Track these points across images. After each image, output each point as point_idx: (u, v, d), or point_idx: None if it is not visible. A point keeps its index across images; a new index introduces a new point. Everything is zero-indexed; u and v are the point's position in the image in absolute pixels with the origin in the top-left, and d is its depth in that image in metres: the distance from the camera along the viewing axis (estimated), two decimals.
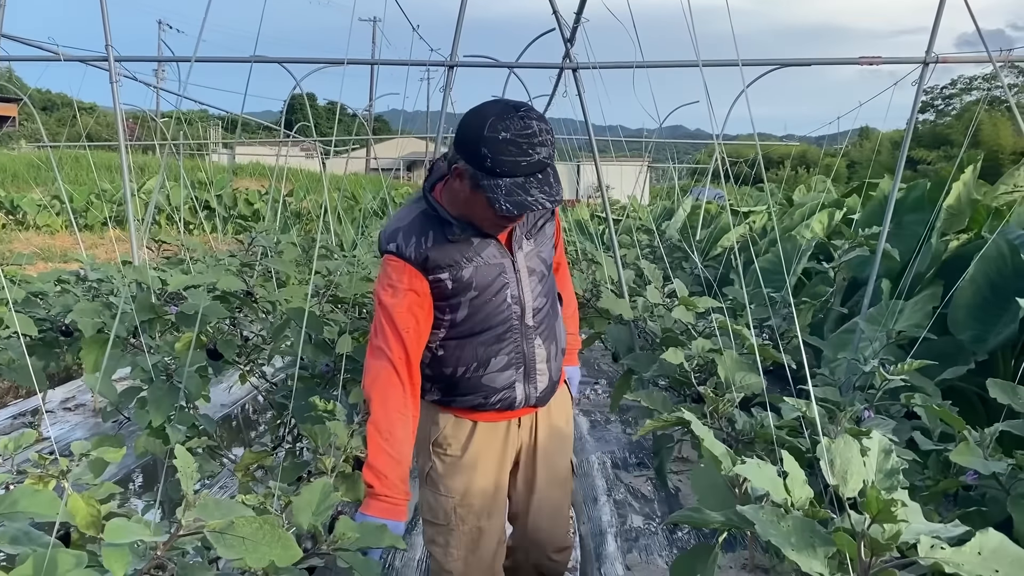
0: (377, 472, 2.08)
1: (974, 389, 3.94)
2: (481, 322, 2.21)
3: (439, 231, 2.11)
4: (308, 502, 1.63)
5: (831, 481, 1.33)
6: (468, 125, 1.96)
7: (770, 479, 1.42)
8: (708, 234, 9.14)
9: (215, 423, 3.29)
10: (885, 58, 3.71)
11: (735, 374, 2.83)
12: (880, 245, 3.87)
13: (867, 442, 1.40)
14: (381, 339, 2.13)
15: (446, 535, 2.33)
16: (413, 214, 2.17)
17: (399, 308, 2.11)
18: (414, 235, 2.11)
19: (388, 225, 2.21)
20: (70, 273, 5.16)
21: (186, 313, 3.40)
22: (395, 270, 2.11)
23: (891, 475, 1.35)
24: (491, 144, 1.90)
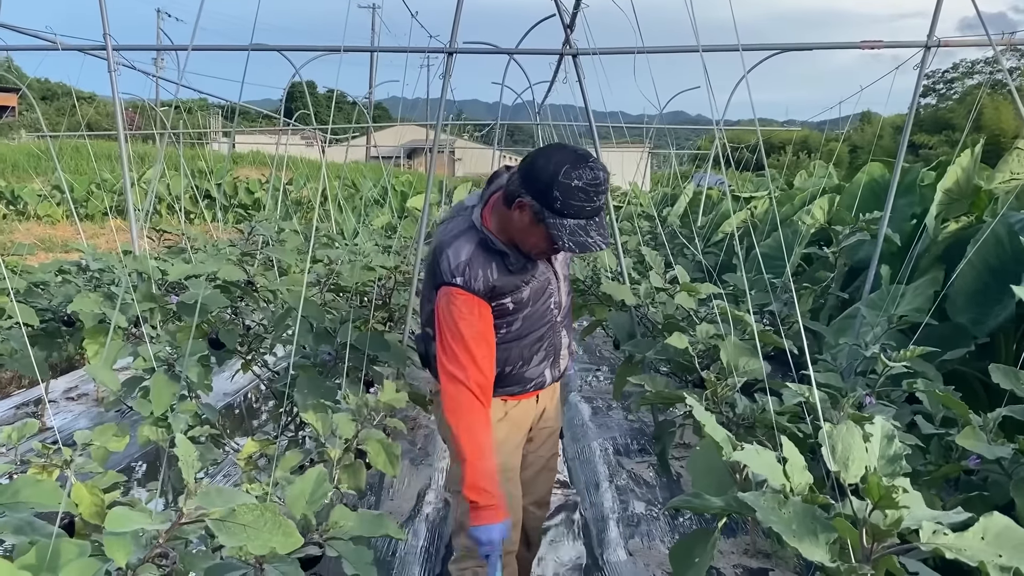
0: (479, 490, 2.27)
1: (975, 373, 3.94)
2: (529, 328, 2.46)
3: (500, 262, 2.33)
4: (302, 491, 1.64)
5: (832, 467, 1.33)
6: (541, 167, 2.19)
7: (769, 465, 1.42)
8: (709, 220, 9.12)
9: (217, 412, 3.30)
10: (887, 42, 3.69)
11: (737, 359, 2.82)
12: (881, 230, 3.86)
13: (870, 428, 1.40)
14: (457, 368, 2.30)
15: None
16: (472, 244, 2.34)
17: (474, 338, 2.29)
18: (480, 269, 2.30)
19: (447, 253, 2.34)
20: (71, 263, 5.16)
21: (187, 303, 3.40)
22: (465, 304, 2.30)
23: (893, 461, 1.35)
24: (563, 189, 2.14)
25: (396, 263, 4.09)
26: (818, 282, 5.09)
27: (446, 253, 2.34)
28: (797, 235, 5.46)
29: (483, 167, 23.87)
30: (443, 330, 2.34)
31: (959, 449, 2.20)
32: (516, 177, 2.26)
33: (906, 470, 1.36)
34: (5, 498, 1.61)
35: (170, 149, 12.47)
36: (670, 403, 2.89)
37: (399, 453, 2.37)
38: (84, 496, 2.23)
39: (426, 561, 3.43)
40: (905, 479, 1.35)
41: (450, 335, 2.31)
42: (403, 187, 17.71)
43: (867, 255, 5.26)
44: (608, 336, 7.07)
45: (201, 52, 4.24)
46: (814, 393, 2.18)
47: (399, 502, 4.04)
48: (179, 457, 1.46)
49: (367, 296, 4.32)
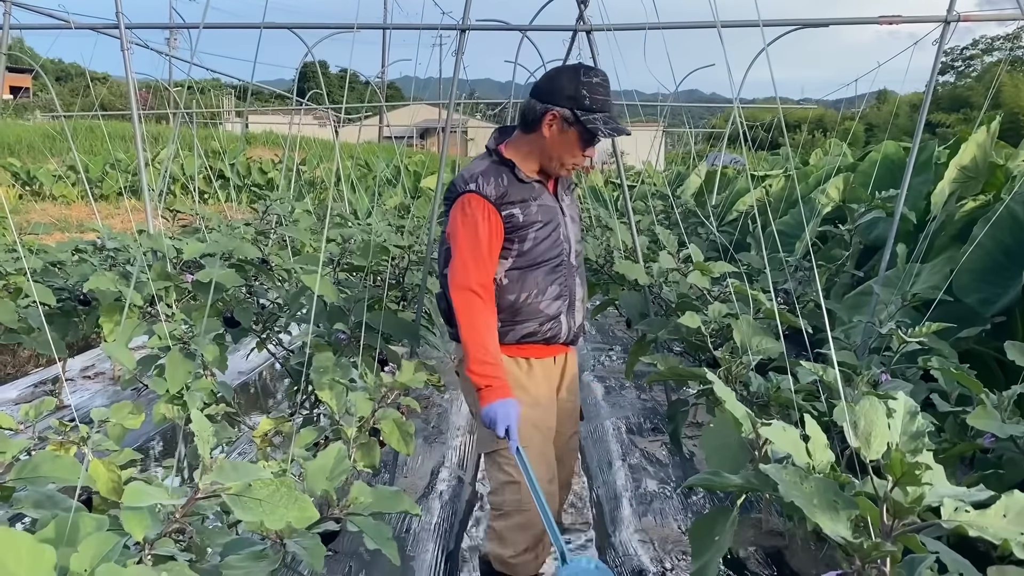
0: (482, 375, 2.44)
1: (991, 352, 3.91)
2: (541, 254, 2.58)
3: (510, 174, 2.54)
4: (322, 467, 1.65)
5: (853, 443, 1.32)
6: (559, 78, 2.53)
7: (793, 442, 1.42)
8: (723, 199, 9.07)
9: (232, 390, 3.32)
10: (905, 17, 3.64)
11: (751, 338, 2.81)
12: (898, 208, 3.82)
13: (893, 404, 1.39)
14: (460, 272, 2.48)
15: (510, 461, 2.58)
16: (485, 164, 2.58)
17: (481, 237, 2.47)
18: (492, 176, 2.52)
19: (461, 174, 2.60)
20: (87, 243, 5.19)
21: (202, 281, 3.41)
22: (476, 205, 2.49)
23: (916, 437, 1.34)
24: (588, 87, 2.46)
25: (409, 243, 4.10)
26: (833, 260, 5.06)
27: (461, 175, 2.59)
28: (813, 213, 5.42)
29: None
30: (453, 233, 2.52)
31: (974, 427, 2.19)
32: (534, 101, 2.52)
33: (929, 447, 1.35)
34: (25, 473, 1.63)
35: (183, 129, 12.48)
36: (683, 382, 2.89)
37: (413, 432, 2.38)
38: (101, 472, 2.24)
39: (439, 538, 3.45)
40: (929, 454, 1.34)
41: (461, 236, 2.49)
42: (416, 167, 17.69)
43: (882, 233, 5.22)
44: (621, 316, 7.07)
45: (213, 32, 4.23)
46: (830, 372, 2.17)
47: (412, 480, 4.07)
48: (195, 433, 1.46)
49: (380, 275, 4.33)
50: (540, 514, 2.35)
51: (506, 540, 2.69)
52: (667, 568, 3.24)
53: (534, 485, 2.48)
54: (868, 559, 1.22)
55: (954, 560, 1.40)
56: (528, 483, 2.49)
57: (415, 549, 3.32)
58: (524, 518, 2.65)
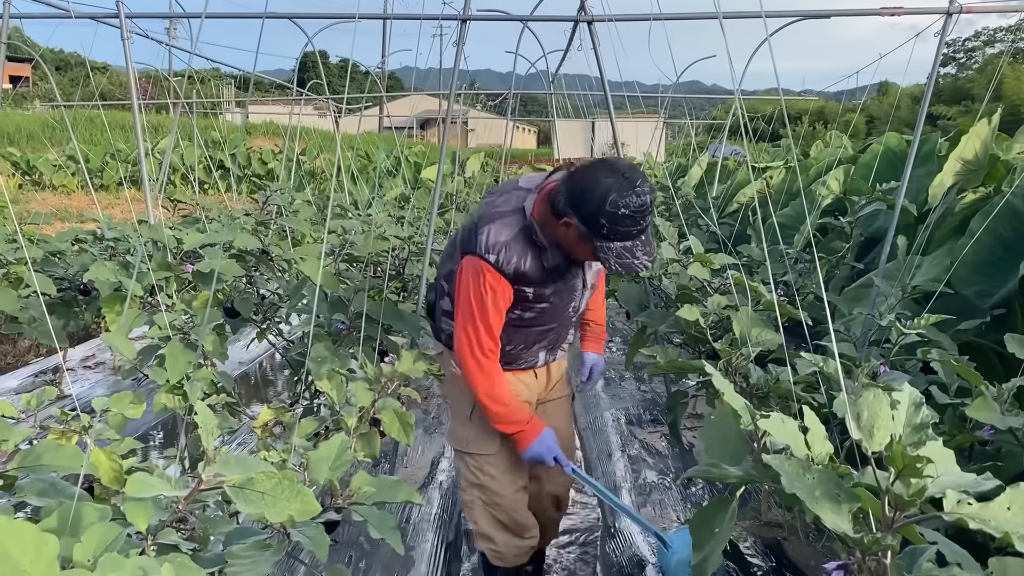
0: (511, 425, 2.54)
1: (991, 345, 3.91)
2: (542, 321, 2.56)
3: (536, 255, 2.38)
4: (325, 457, 1.65)
5: (855, 435, 1.32)
6: (589, 192, 2.21)
7: (792, 434, 1.42)
8: (724, 190, 9.06)
9: (233, 380, 3.32)
10: (907, 9, 3.63)
11: (751, 330, 2.82)
12: (899, 200, 3.82)
13: (897, 395, 1.39)
14: (470, 340, 2.44)
15: (490, 462, 2.67)
16: (515, 229, 2.38)
17: (493, 311, 2.41)
18: (515, 255, 2.36)
19: (487, 231, 2.39)
20: (87, 233, 5.18)
21: (202, 271, 3.41)
22: (492, 281, 2.37)
23: (920, 429, 1.34)
24: (610, 217, 2.17)
25: (409, 234, 4.09)
26: (833, 252, 5.06)
27: (488, 228, 2.39)
28: (813, 205, 5.42)
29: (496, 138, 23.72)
30: (464, 296, 2.43)
31: (973, 419, 2.20)
32: (563, 193, 2.28)
33: (933, 438, 1.35)
34: (28, 462, 1.63)
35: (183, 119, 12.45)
36: (683, 373, 2.89)
37: (413, 422, 2.38)
38: (103, 461, 2.25)
39: (439, 528, 3.47)
40: (934, 444, 1.34)
41: (471, 304, 2.41)
42: (416, 158, 17.66)
43: (882, 225, 5.22)
44: (621, 307, 7.07)
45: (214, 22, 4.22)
46: (831, 363, 2.17)
47: (413, 470, 4.08)
48: (199, 424, 1.47)
49: (381, 266, 4.33)
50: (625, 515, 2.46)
51: (486, 535, 2.76)
52: None
53: (606, 495, 2.62)
54: (868, 552, 1.22)
55: (953, 551, 1.41)
56: (600, 495, 2.62)
57: (415, 539, 3.34)
58: (490, 513, 2.72)
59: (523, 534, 2.77)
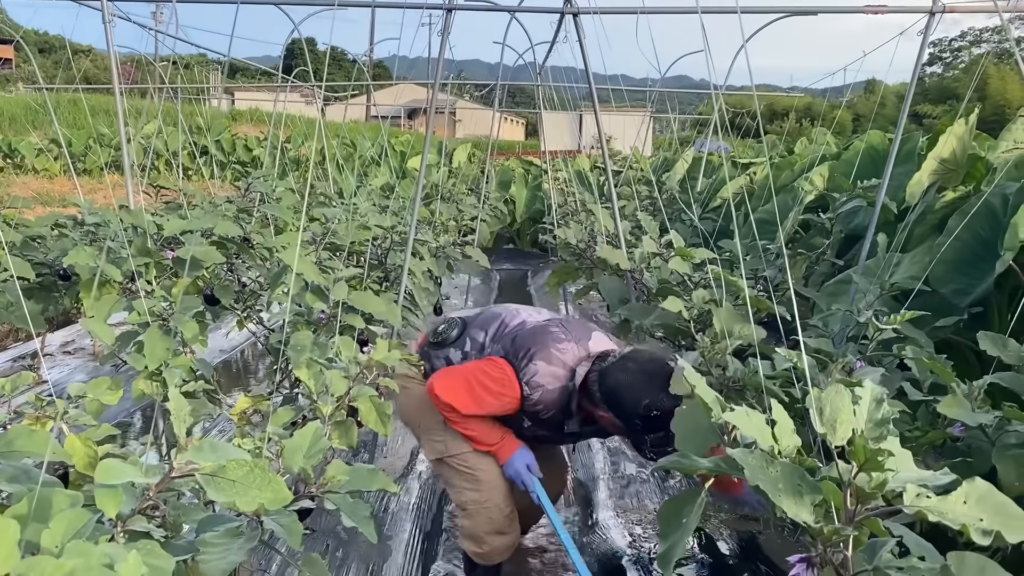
0: (487, 444, 2.68)
1: (967, 342, 3.95)
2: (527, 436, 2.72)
3: (560, 416, 2.58)
4: (299, 445, 1.65)
5: (819, 430, 1.34)
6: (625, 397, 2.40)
7: (759, 427, 1.43)
8: (708, 185, 9.09)
9: (212, 367, 3.31)
10: (891, 7, 3.65)
11: (731, 325, 2.83)
12: (879, 197, 3.85)
13: (859, 391, 1.41)
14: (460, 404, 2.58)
15: (473, 455, 2.72)
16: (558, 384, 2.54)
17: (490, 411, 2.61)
18: (543, 404, 2.54)
19: (541, 365, 2.53)
20: (67, 217, 5.14)
21: (182, 258, 3.39)
22: (511, 398, 2.55)
23: (881, 424, 1.35)
24: (646, 421, 2.34)
25: (392, 223, 4.09)
26: (813, 248, 5.09)
27: (541, 365, 2.53)
28: (796, 201, 5.44)
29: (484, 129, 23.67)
30: (483, 379, 2.58)
31: (945, 416, 2.22)
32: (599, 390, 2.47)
33: (894, 433, 1.37)
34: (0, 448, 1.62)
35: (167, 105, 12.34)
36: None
37: (391, 412, 2.38)
38: (78, 447, 2.24)
39: (417, 518, 3.48)
40: (894, 441, 1.36)
41: (484, 392, 2.57)
42: (402, 147, 17.61)
43: (862, 222, 5.25)
44: (603, 301, 7.09)
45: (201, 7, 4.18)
46: (804, 358, 2.19)
47: (392, 460, 4.09)
48: (171, 412, 1.47)
49: (363, 255, 4.32)
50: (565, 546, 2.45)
51: (477, 538, 2.76)
52: (642, 548, 3.27)
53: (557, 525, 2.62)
54: (830, 543, 1.24)
55: (917, 543, 1.43)
56: (551, 519, 2.63)
57: (393, 528, 3.35)
58: (486, 515, 2.73)
59: (509, 529, 2.79)
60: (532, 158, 15.67)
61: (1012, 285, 3.91)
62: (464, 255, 5.24)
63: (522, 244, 13.48)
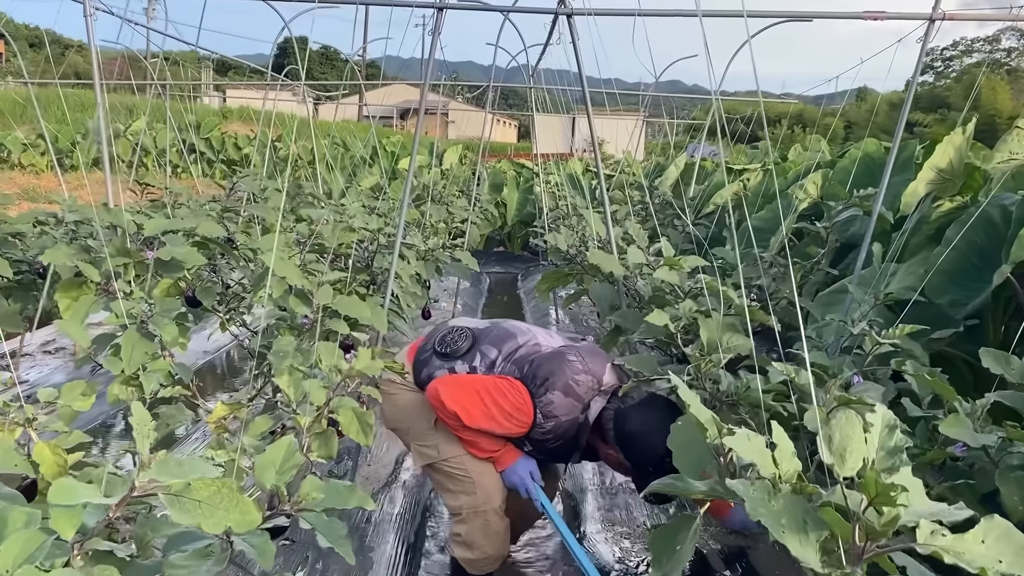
0: (485, 451, 2.64)
1: (961, 355, 3.90)
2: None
3: (569, 446, 2.57)
4: (272, 460, 1.56)
5: (827, 459, 1.26)
6: (641, 443, 2.42)
7: (759, 451, 1.36)
8: (701, 191, 9.03)
9: (191, 372, 3.21)
10: (890, 13, 3.59)
11: (722, 335, 2.76)
12: (876, 206, 3.79)
13: (870, 417, 1.33)
14: (466, 413, 2.52)
15: (468, 456, 2.67)
16: (572, 417, 2.52)
17: (499, 430, 2.56)
18: (554, 435, 2.52)
19: (558, 396, 2.50)
20: (49, 214, 5.03)
21: (163, 259, 3.30)
22: (521, 422, 2.52)
23: (894, 453, 1.28)
24: (655, 463, 2.30)
25: (379, 225, 4.00)
26: (808, 257, 5.02)
27: (558, 396, 2.50)
28: (790, 209, 5.38)
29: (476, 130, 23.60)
30: (497, 400, 2.53)
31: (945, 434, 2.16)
32: (615, 431, 2.49)
33: (907, 463, 1.29)
34: None
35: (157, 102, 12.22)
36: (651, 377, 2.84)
37: (372, 422, 2.30)
38: (46, 456, 2.15)
39: (401, 528, 3.39)
40: (907, 471, 1.28)
41: (496, 411, 2.52)
42: (393, 148, 17.51)
43: (857, 231, 5.19)
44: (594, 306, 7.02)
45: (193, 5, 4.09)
46: (803, 374, 2.12)
47: (376, 468, 4.00)
48: (134, 425, 1.38)
49: (349, 259, 4.24)
50: (575, 555, 2.45)
51: (471, 544, 2.70)
52: (630, 564, 3.20)
53: (564, 530, 2.60)
54: None
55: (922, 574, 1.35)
56: (559, 529, 2.61)
57: (376, 540, 3.26)
58: (483, 519, 2.67)
59: (503, 536, 2.74)
60: (524, 160, 15.61)
61: (1007, 297, 3.86)
62: (453, 258, 5.16)
63: (513, 247, 13.40)
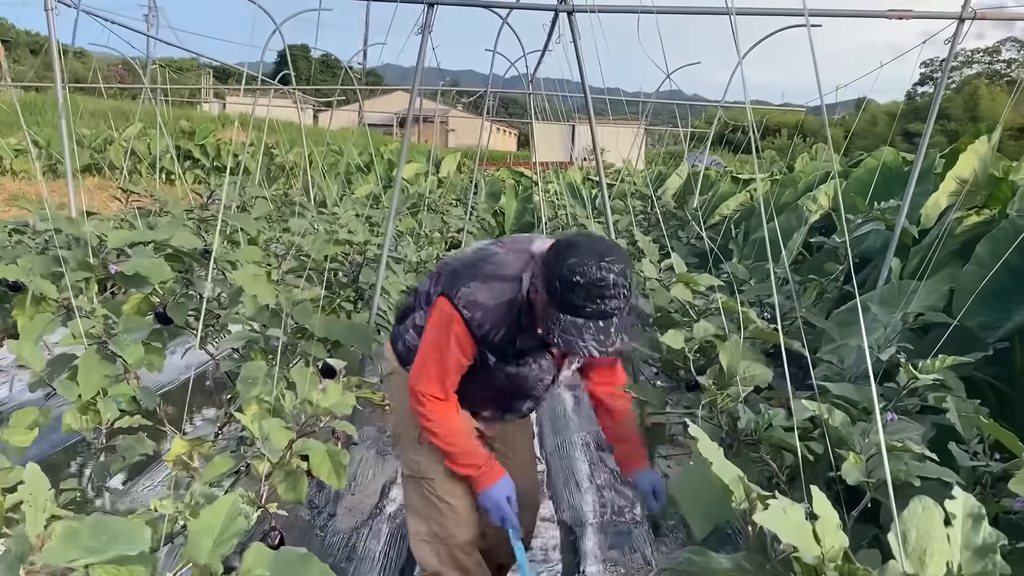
0: (465, 467, 2.35)
1: (985, 377, 3.63)
2: (487, 389, 2.38)
3: (511, 332, 2.24)
4: (209, 527, 1.29)
5: (907, 568, 1.00)
6: (555, 257, 2.07)
7: (797, 527, 1.10)
8: (705, 201, 8.77)
9: (156, 397, 2.95)
10: (916, 12, 3.34)
11: (739, 363, 2.50)
12: (899, 220, 3.53)
13: (951, 507, 1.07)
14: (423, 379, 2.29)
15: (443, 487, 2.43)
16: (501, 299, 2.23)
17: (453, 362, 2.26)
18: (489, 323, 2.22)
19: (472, 288, 2.24)
20: (18, 223, 4.77)
21: (126, 274, 3.04)
22: (459, 333, 2.23)
23: (983, 554, 1.02)
24: (564, 283, 2.00)
25: (366, 237, 3.73)
26: (821, 272, 4.77)
27: (475, 284, 2.24)
28: (801, 221, 5.12)
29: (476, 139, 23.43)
30: (431, 337, 2.31)
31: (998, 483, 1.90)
32: (537, 272, 2.16)
33: (1004, 570, 1.03)
34: None
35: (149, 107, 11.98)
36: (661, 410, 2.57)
37: (347, 462, 2.04)
38: None
39: (384, 567, 3.12)
40: None
41: (434, 348, 2.30)
42: (391, 155, 17.27)
43: (872, 245, 4.93)
44: None
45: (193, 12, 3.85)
46: (836, 415, 1.87)
47: (360, 497, 3.73)
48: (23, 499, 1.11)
49: (337, 273, 3.98)
50: None
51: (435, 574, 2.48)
52: None
53: (521, 562, 2.36)
54: None
55: None
56: (520, 561, 2.38)
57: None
58: (440, 548, 2.46)
59: (473, 572, 2.49)
60: (523, 169, 15.37)
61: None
62: None
63: None
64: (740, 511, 1.36)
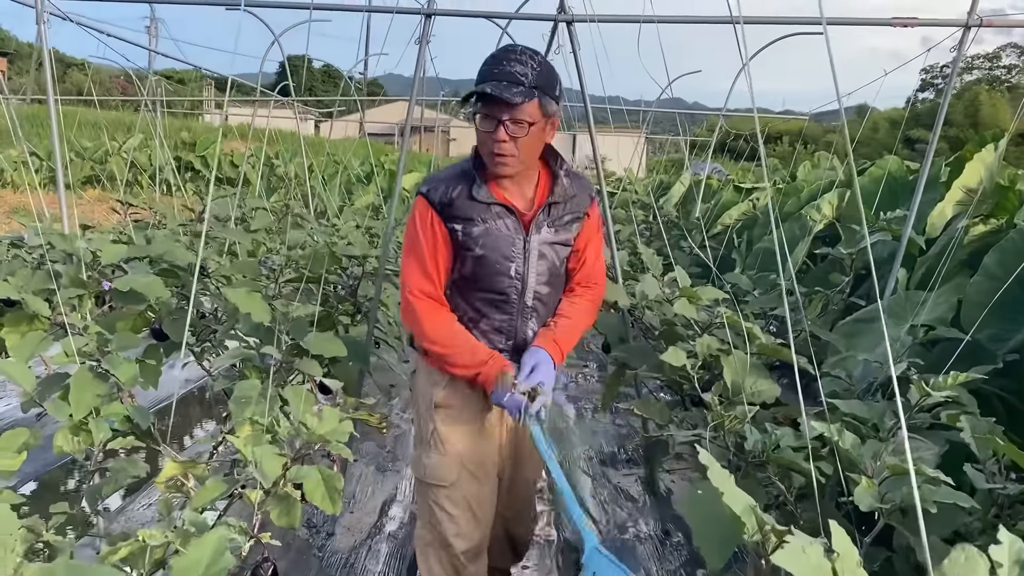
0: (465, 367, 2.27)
1: (994, 390, 3.57)
2: (482, 280, 2.31)
3: (467, 187, 2.26)
4: (195, 564, 1.24)
5: None
6: None
7: (816, 569, 1.03)
8: (707, 210, 8.72)
9: (150, 416, 2.88)
10: (921, 20, 3.29)
11: (745, 379, 2.44)
12: (906, 230, 3.47)
13: (996, 554, 1.01)
14: (405, 277, 2.31)
15: (447, 496, 2.38)
16: (455, 170, 2.32)
17: (421, 244, 2.27)
18: (444, 184, 2.27)
19: (436, 172, 2.38)
20: (16, 237, 4.73)
21: (121, 290, 2.98)
22: (422, 213, 2.28)
23: None
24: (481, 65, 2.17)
25: (365, 251, 3.68)
26: (826, 283, 4.71)
27: (439, 172, 2.36)
28: (804, 231, 5.06)
29: None
30: (405, 237, 2.37)
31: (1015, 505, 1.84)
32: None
33: None
34: None
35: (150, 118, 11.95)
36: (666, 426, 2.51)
37: (341, 486, 1.97)
38: None
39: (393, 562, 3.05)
40: None
41: (406, 240, 2.35)
42: (392, 165, 17.24)
43: (878, 255, 4.86)
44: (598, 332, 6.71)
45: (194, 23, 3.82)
46: (846, 436, 1.81)
47: (360, 515, 3.66)
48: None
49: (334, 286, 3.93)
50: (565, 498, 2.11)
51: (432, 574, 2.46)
52: None
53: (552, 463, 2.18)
54: None
55: None
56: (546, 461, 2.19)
57: None
58: (442, 558, 2.43)
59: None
60: None
61: None
62: None
63: None
64: (752, 543, 1.30)
